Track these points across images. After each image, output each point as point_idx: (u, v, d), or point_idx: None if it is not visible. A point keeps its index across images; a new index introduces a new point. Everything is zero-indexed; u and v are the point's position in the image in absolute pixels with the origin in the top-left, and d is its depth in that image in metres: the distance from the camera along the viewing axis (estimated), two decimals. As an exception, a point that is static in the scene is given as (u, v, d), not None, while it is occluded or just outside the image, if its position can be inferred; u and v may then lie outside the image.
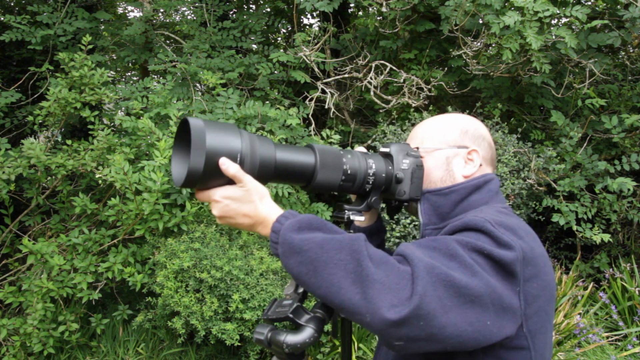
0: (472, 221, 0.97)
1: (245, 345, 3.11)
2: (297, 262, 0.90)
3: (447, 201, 1.12)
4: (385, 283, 0.85)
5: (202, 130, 0.92)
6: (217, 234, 3.11)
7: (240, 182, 0.97)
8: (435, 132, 1.19)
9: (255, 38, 4.91)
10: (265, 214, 0.99)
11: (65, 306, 3.37)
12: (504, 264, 0.91)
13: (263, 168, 1.01)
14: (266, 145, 1.02)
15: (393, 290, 0.84)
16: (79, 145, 3.56)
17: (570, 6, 3.53)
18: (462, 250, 0.91)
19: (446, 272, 0.87)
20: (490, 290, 0.88)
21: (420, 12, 4.40)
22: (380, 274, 0.86)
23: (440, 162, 1.16)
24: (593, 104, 3.91)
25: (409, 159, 1.16)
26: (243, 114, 3.54)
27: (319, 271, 0.88)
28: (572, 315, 3.51)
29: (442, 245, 0.93)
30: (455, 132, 1.18)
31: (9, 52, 5.28)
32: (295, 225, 0.93)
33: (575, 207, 3.89)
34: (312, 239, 0.91)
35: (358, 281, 0.85)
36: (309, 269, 0.89)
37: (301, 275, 0.91)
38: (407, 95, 4.09)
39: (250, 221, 1.00)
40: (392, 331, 0.84)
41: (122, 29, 4.72)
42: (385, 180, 1.15)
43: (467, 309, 0.86)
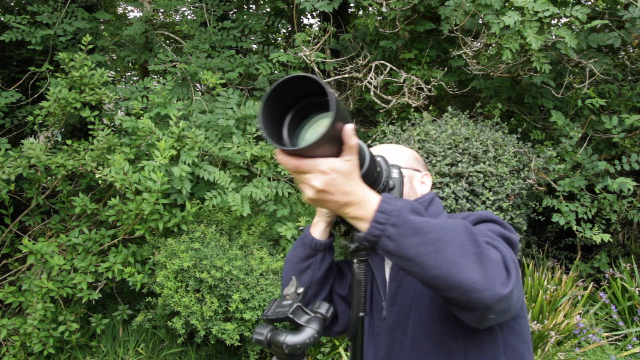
0: (484, 215, 1.13)
1: (245, 345, 3.11)
2: (417, 242, 0.89)
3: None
4: (497, 262, 0.93)
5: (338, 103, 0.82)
6: (217, 234, 3.12)
7: (351, 156, 0.90)
8: (396, 154, 1.34)
9: (255, 38, 4.91)
10: (364, 193, 0.93)
11: (65, 306, 3.37)
12: (514, 244, 1.08)
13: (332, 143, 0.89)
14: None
15: (501, 269, 0.93)
16: (79, 145, 3.56)
17: (570, 6, 3.53)
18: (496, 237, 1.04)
19: (512, 256, 0.98)
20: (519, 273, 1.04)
21: (420, 12, 4.40)
22: (492, 254, 0.93)
23: (407, 180, 1.29)
24: (593, 104, 3.91)
25: (395, 169, 1.19)
26: (243, 114, 3.55)
27: (441, 251, 0.89)
28: (572, 315, 3.51)
29: (481, 233, 1.01)
30: (411, 157, 1.37)
31: (9, 52, 5.28)
32: (408, 207, 0.93)
33: (575, 207, 3.89)
34: (429, 220, 0.92)
35: (478, 261, 0.90)
36: (429, 250, 0.89)
37: (419, 256, 0.89)
38: (407, 95, 4.09)
39: (346, 199, 0.91)
40: (498, 305, 0.91)
41: (122, 29, 4.72)
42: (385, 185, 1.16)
43: (520, 284, 1.00)
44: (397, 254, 0.91)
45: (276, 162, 3.41)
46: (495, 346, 1.12)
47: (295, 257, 1.26)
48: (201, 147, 3.28)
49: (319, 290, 1.26)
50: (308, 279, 1.24)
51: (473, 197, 3.55)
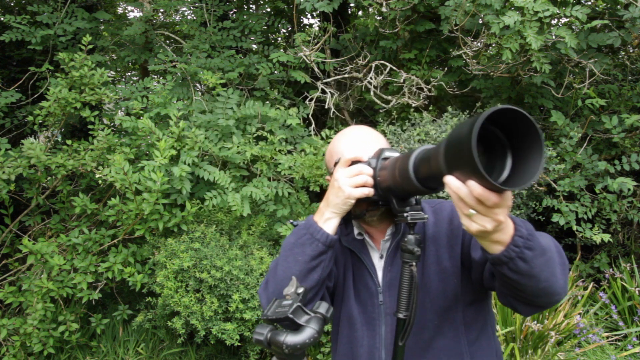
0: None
1: (245, 345, 3.11)
2: (543, 261, 1.00)
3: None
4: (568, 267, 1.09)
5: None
6: (217, 234, 3.12)
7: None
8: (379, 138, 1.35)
9: (255, 38, 4.91)
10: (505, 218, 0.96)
11: (65, 306, 3.37)
12: None
13: None
14: None
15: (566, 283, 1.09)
16: (79, 145, 3.56)
17: (570, 6, 3.52)
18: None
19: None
20: None
21: (420, 12, 4.40)
22: (567, 261, 1.09)
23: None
24: (593, 104, 3.91)
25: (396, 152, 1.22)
26: (243, 114, 3.54)
27: (551, 267, 1.03)
28: (572, 315, 3.51)
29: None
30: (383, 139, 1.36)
31: (9, 52, 5.28)
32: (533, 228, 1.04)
33: (575, 207, 3.89)
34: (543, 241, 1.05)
35: (563, 270, 1.07)
36: (548, 267, 1.02)
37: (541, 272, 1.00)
38: (407, 95, 4.09)
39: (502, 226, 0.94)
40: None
41: (122, 29, 4.72)
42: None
43: None
44: (526, 272, 0.98)
45: (276, 162, 3.41)
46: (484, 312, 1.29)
47: (304, 254, 1.18)
48: (201, 147, 3.28)
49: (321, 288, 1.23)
50: (317, 277, 1.18)
51: (473, 197, 3.55)
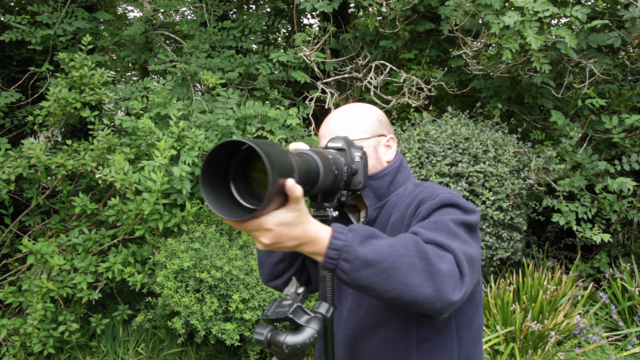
0: (447, 198, 1.15)
1: (245, 345, 3.11)
2: (369, 273, 0.93)
3: (382, 183, 1.29)
4: (448, 273, 0.97)
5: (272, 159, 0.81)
6: (217, 234, 3.12)
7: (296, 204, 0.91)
8: (358, 124, 1.31)
9: (255, 38, 4.91)
10: (314, 232, 0.95)
11: (65, 306, 3.37)
12: (473, 226, 1.13)
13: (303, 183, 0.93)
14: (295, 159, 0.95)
15: (452, 276, 0.98)
16: (79, 145, 3.56)
17: (570, 6, 3.53)
18: (456, 228, 1.08)
19: (466, 250, 1.04)
20: (478, 254, 1.10)
21: (420, 12, 4.40)
22: (443, 267, 0.97)
23: (371, 152, 1.30)
24: (593, 104, 3.91)
25: (358, 151, 1.23)
26: (243, 114, 3.54)
27: (393, 277, 0.94)
28: (572, 315, 3.51)
29: (444, 227, 1.07)
30: (375, 122, 1.33)
31: (9, 52, 5.28)
32: (358, 239, 0.95)
33: (575, 207, 3.88)
34: (380, 249, 0.95)
35: (429, 277, 0.95)
36: (382, 278, 0.93)
37: (373, 284, 0.94)
38: (407, 95, 4.09)
39: (296, 242, 0.94)
40: (451, 308, 0.99)
41: (122, 29, 4.72)
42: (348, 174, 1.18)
43: (475, 273, 1.07)
44: (352, 284, 0.95)
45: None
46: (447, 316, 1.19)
47: None
48: (201, 147, 3.28)
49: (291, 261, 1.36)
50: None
51: (473, 197, 3.55)
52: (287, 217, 0.89)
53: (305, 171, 0.96)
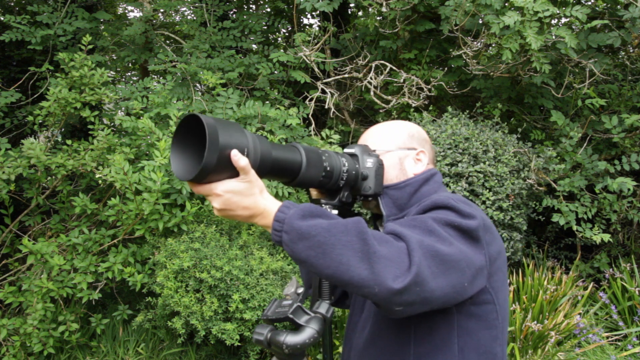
0: (439, 200, 1.14)
1: (245, 345, 3.11)
2: (305, 246, 0.97)
3: (403, 194, 1.28)
4: (388, 258, 0.96)
5: (215, 128, 0.94)
6: (217, 234, 3.12)
7: (245, 175, 1.00)
8: (387, 136, 1.36)
9: (255, 38, 4.91)
10: (265, 205, 1.03)
11: (65, 306, 3.37)
12: (470, 231, 1.08)
13: (262, 163, 1.05)
14: (264, 143, 1.07)
15: (395, 263, 0.96)
16: (79, 145, 3.56)
17: (570, 6, 3.52)
18: (437, 225, 1.06)
19: (432, 245, 1.01)
20: (464, 256, 1.05)
21: (420, 12, 4.40)
22: (383, 250, 0.97)
23: (395, 162, 1.32)
24: (593, 104, 3.91)
25: (372, 158, 1.30)
26: (243, 114, 3.54)
27: (328, 253, 0.96)
28: (572, 315, 3.51)
29: (421, 223, 1.07)
30: (404, 136, 1.36)
31: (9, 52, 5.27)
32: (299, 213, 1.00)
33: (575, 207, 3.88)
34: (318, 224, 0.98)
35: (365, 258, 0.95)
36: (317, 252, 0.96)
37: (309, 258, 0.97)
38: (407, 95, 4.09)
39: (249, 213, 1.03)
40: (395, 298, 0.96)
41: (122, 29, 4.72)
42: (355, 177, 1.26)
43: (450, 274, 1.02)
44: (293, 257, 1.00)
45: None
46: (448, 328, 1.15)
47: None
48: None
49: None
50: None
51: (473, 197, 3.55)
52: (236, 186, 1.00)
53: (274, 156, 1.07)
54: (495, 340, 1.18)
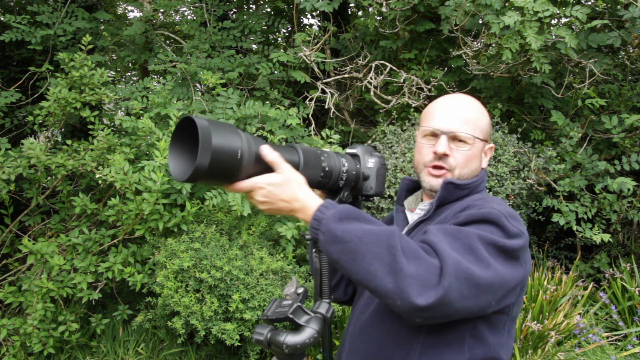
0: (491, 215, 1.10)
1: (245, 345, 3.11)
2: (338, 250, 1.01)
3: (459, 193, 1.27)
4: (415, 276, 0.97)
5: (208, 129, 0.96)
6: (217, 234, 3.12)
7: (278, 169, 1.07)
8: (484, 122, 1.31)
9: (255, 38, 4.91)
10: (305, 201, 1.08)
11: (65, 306, 3.37)
12: (513, 251, 1.08)
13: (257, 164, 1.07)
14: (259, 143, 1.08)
15: (422, 281, 0.97)
16: (79, 145, 3.56)
17: (570, 6, 3.52)
18: (480, 244, 1.05)
19: (468, 267, 1.00)
20: (500, 278, 1.05)
21: (420, 12, 4.40)
22: (411, 268, 0.98)
23: (479, 153, 1.31)
24: (593, 104, 3.91)
25: (374, 158, 1.30)
26: (243, 114, 3.54)
27: (358, 260, 0.99)
28: (572, 315, 3.51)
29: (464, 238, 1.06)
30: (488, 126, 1.34)
31: (9, 52, 5.27)
32: (336, 216, 1.03)
33: (575, 207, 3.88)
34: (353, 231, 1.01)
35: (392, 272, 0.97)
36: (348, 257, 1.00)
37: (341, 261, 1.01)
38: (407, 95, 4.09)
39: (288, 206, 1.08)
40: (417, 313, 0.98)
41: (122, 29, 4.72)
42: (355, 177, 1.27)
43: (480, 296, 1.03)
44: (327, 257, 1.07)
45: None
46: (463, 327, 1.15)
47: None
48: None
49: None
50: None
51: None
52: (274, 178, 1.06)
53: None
54: (502, 347, 1.19)
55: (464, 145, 1.27)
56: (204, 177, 0.97)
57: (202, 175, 0.97)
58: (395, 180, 3.59)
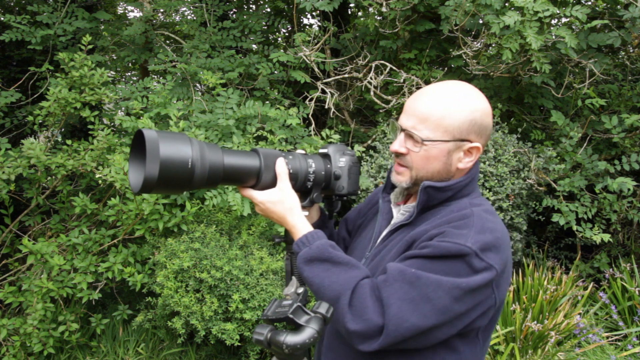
0: (461, 252, 1.07)
1: (245, 345, 3.11)
2: (306, 281, 1.18)
3: (441, 196, 1.21)
4: (356, 333, 1.08)
5: (156, 141, 0.99)
6: (217, 234, 3.12)
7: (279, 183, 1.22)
8: (444, 119, 1.14)
9: (255, 38, 4.91)
10: (292, 225, 1.23)
11: (65, 306, 3.37)
12: (477, 288, 1.07)
13: (212, 172, 1.09)
14: (214, 151, 1.10)
15: (363, 338, 1.07)
16: (79, 145, 3.56)
17: (570, 6, 3.52)
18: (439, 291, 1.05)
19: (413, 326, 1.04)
20: (459, 318, 1.08)
21: (420, 12, 4.40)
22: (353, 325, 1.08)
23: (442, 155, 1.17)
24: (593, 104, 3.91)
25: (345, 157, 1.30)
26: (243, 114, 3.54)
27: (320, 296, 1.14)
28: (572, 315, 3.51)
29: (423, 287, 1.06)
30: (465, 123, 1.14)
31: (9, 52, 5.27)
32: (307, 257, 1.16)
33: (575, 207, 3.88)
34: (316, 276, 1.14)
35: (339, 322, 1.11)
36: (313, 290, 1.16)
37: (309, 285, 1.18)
38: (407, 95, 4.08)
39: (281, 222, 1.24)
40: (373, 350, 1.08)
41: (122, 29, 4.72)
42: (325, 177, 1.27)
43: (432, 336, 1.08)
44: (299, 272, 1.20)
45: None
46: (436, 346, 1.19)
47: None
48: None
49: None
50: None
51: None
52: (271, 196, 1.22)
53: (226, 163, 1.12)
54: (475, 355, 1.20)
55: (416, 146, 1.17)
56: (156, 187, 1.00)
57: (153, 186, 1.00)
58: (395, 180, 3.59)
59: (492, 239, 1.09)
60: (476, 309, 1.09)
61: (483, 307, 1.10)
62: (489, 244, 1.08)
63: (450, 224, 1.13)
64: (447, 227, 1.12)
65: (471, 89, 1.18)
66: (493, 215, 1.18)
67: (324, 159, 1.28)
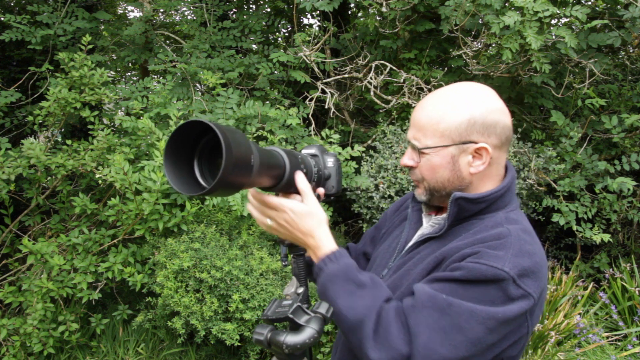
0: (497, 277, 0.97)
1: (245, 345, 3.11)
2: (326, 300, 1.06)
3: (474, 208, 1.12)
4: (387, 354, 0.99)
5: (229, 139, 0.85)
6: (217, 234, 3.12)
7: (305, 199, 1.09)
8: (439, 124, 1.09)
9: (255, 38, 4.91)
10: (319, 240, 1.11)
11: (65, 306, 3.37)
12: (513, 318, 0.98)
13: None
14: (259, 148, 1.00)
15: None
16: (79, 145, 3.56)
17: (570, 6, 3.52)
18: (472, 322, 0.97)
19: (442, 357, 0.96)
20: (491, 349, 1.00)
21: (420, 12, 4.40)
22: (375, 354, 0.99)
23: (446, 161, 1.10)
24: (593, 104, 3.91)
25: (331, 157, 1.28)
26: (243, 114, 3.54)
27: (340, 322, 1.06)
28: (572, 315, 3.51)
29: (455, 315, 0.98)
30: (462, 124, 1.07)
31: (9, 52, 5.28)
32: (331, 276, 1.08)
33: (575, 207, 3.88)
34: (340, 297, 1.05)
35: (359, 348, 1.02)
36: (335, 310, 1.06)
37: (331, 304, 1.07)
38: (407, 95, 4.09)
39: (304, 239, 1.12)
40: None
41: (122, 29, 4.72)
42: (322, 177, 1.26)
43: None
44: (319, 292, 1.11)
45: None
46: None
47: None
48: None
49: None
50: None
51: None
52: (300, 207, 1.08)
53: (268, 162, 1.02)
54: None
55: (420, 156, 1.13)
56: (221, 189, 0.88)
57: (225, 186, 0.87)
58: (396, 180, 3.59)
59: (530, 264, 1.00)
60: (508, 338, 1.01)
61: (515, 336, 1.03)
62: (527, 269, 0.99)
63: (485, 244, 1.03)
64: (481, 246, 1.03)
65: (475, 88, 1.12)
66: (531, 236, 1.09)
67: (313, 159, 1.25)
